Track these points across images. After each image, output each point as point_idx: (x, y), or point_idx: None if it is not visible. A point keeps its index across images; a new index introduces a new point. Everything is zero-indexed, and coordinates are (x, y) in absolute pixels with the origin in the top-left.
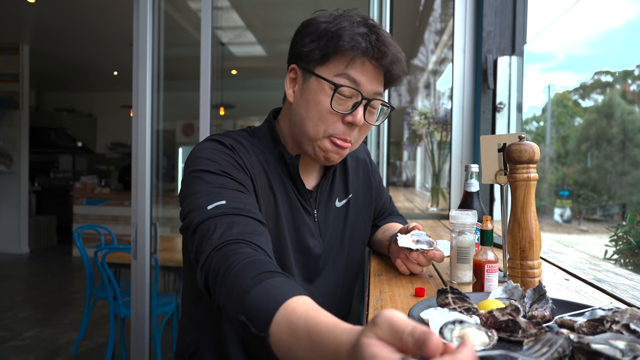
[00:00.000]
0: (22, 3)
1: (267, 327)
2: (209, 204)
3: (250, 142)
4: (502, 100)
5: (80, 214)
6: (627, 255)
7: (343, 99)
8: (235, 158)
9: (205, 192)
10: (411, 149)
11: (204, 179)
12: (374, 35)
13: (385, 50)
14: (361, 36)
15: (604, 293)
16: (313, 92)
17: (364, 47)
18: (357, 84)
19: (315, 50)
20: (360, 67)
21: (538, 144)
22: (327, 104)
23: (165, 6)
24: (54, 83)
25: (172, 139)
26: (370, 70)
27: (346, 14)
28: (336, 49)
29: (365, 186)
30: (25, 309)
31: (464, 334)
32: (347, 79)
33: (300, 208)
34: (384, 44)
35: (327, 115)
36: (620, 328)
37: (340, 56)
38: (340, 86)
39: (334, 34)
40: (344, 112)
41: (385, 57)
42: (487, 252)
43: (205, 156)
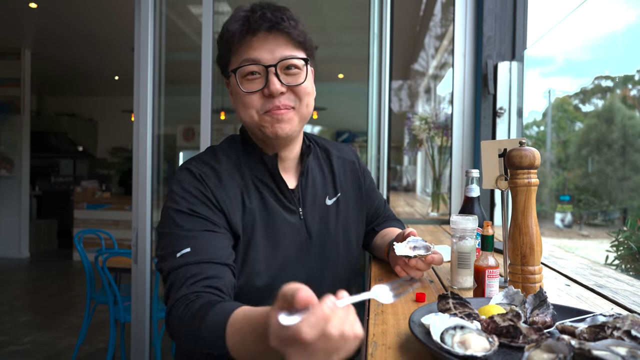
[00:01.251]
0: (24, 8)
1: (224, 345)
2: (177, 251)
3: (226, 158)
4: (502, 106)
5: (80, 218)
6: (628, 261)
7: (251, 79)
8: (204, 192)
9: (175, 236)
10: (412, 154)
11: (175, 221)
12: (246, 12)
13: (254, 16)
14: (236, 22)
15: (605, 299)
16: (233, 89)
17: (238, 27)
18: (254, 60)
19: (220, 58)
20: (249, 45)
21: (538, 149)
22: (240, 90)
23: (167, 11)
24: (55, 88)
25: (173, 143)
26: (259, 42)
27: (235, 11)
28: (225, 45)
29: (355, 185)
30: (25, 313)
31: (465, 340)
32: (244, 61)
33: (282, 211)
34: (255, 12)
35: (248, 99)
36: (622, 334)
37: (232, 49)
38: (237, 69)
39: (222, 36)
40: (259, 89)
41: (258, 22)
42: (488, 258)
43: (178, 193)
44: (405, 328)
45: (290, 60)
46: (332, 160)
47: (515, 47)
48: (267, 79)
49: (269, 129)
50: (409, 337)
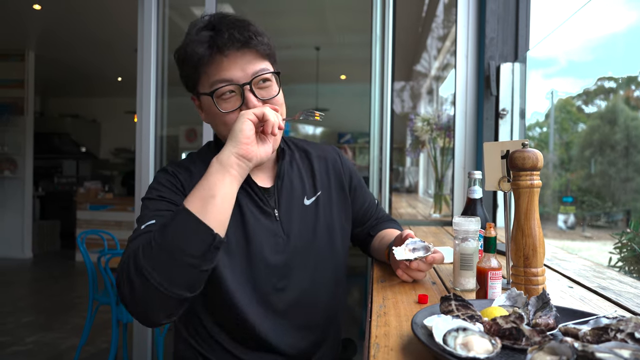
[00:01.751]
0: (28, 10)
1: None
2: (142, 225)
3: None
4: (504, 107)
5: (83, 219)
6: (631, 263)
7: (227, 97)
8: (174, 182)
9: (142, 217)
10: (414, 155)
11: (146, 207)
12: (209, 32)
13: (223, 39)
14: (201, 42)
15: (609, 301)
16: (208, 109)
17: (204, 49)
18: (227, 80)
19: (186, 78)
20: (218, 67)
21: (541, 150)
22: (218, 110)
23: (170, 13)
24: (58, 89)
25: (176, 144)
26: (229, 62)
27: (190, 26)
28: (192, 67)
29: (337, 183)
30: (28, 314)
31: (467, 342)
32: (218, 82)
33: (256, 211)
34: (220, 33)
35: (226, 117)
36: (625, 337)
37: (200, 70)
38: (213, 91)
39: (185, 57)
40: (236, 107)
41: (230, 44)
42: (491, 259)
43: (151, 185)
44: (407, 330)
45: (263, 75)
46: (312, 160)
47: (518, 49)
48: (244, 96)
49: None
50: (412, 339)
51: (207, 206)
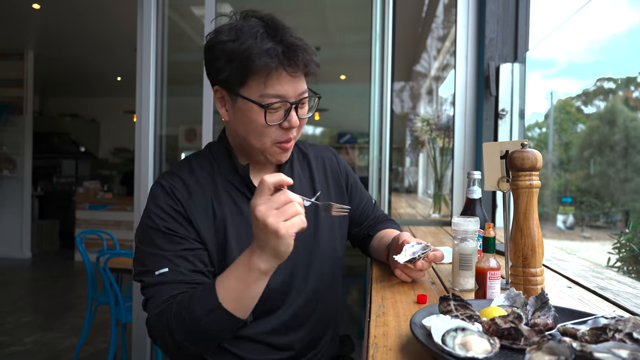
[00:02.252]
0: (27, 9)
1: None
2: (155, 270)
3: (200, 168)
4: (504, 107)
5: (82, 218)
6: (630, 263)
7: (273, 111)
8: (174, 206)
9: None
10: (413, 155)
11: (152, 241)
12: (280, 46)
13: (296, 58)
14: (269, 52)
15: (607, 301)
16: (245, 112)
17: (275, 63)
18: (281, 96)
19: (231, 74)
20: (278, 81)
21: (541, 150)
22: (262, 120)
23: (169, 12)
24: (57, 88)
25: (175, 144)
26: (288, 79)
27: (247, 26)
28: (250, 71)
29: (335, 182)
30: (27, 314)
31: (466, 342)
32: (271, 95)
33: None
34: (293, 51)
35: (265, 129)
36: (623, 337)
37: (257, 76)
38: (268, 105)
39: (243, 56)
40: (279, 122)
41: (298, 64)
42: (490, 260)
43: (153, 210)
44: (406, 330)
45: (306, 96)
46: (310, 161)
47: (517, 49)
48: (289, 113)
49: (276, 158)
50: (410, 339)
51: (244, 307)
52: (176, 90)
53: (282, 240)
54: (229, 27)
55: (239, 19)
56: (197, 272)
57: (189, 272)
